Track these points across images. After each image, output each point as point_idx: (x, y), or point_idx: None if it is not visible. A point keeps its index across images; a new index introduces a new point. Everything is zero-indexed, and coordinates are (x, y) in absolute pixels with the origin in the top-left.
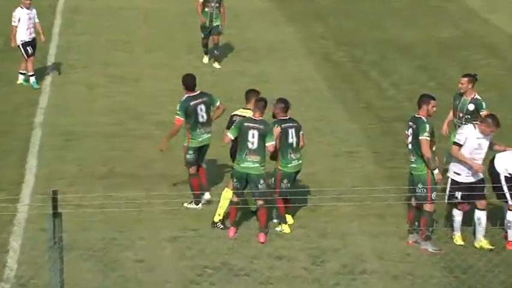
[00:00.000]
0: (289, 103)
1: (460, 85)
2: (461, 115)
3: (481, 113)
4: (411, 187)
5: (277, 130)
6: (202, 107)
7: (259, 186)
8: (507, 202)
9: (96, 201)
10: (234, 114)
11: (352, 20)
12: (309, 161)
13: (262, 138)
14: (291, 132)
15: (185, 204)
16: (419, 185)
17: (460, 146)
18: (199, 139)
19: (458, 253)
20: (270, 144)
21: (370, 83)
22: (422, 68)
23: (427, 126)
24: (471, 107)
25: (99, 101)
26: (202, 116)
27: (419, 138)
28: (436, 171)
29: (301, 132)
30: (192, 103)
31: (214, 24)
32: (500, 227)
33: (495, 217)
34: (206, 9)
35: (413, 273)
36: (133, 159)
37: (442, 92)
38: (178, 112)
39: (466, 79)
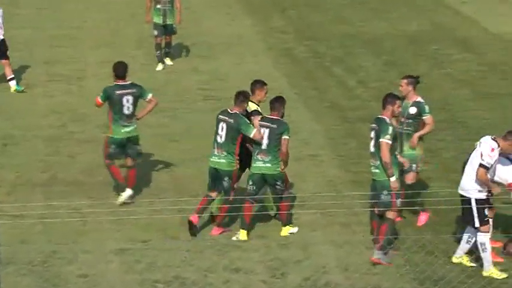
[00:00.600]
0: (275, 102)
1: (400, 88)
2: (402, 120)
3: (423, 118)
4: (374, 194)
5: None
6: (129, 98)
7: (224, 183)
8: None
9: (36, 211)
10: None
11: (315, 12)
12: None
13: (231, 132)
14: (263, 132)
15: (118, 201)
16: (384, 192)
17: (488, 169)
18: (122, 130)
19: (429, 264)
20: (252, 134)
21: (334, 81)
22: (391, 63)
23: (390, 128)
24: (412, 110)
25: (39, 101)
26: (128, 107)
27: (380, 140)
28: (393, 179)
29: (283, 137)
30: (118, 92)
31: (168, 22)
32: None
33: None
34: (158, 6)
35: (380, 285)
36: (76, 165)
37: None
38: (101, 94)
39: (405, 81)
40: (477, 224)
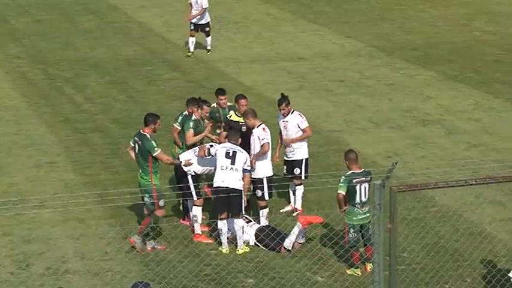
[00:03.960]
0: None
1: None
2: None
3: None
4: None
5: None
6: None
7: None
8: (192, 199)
9: None
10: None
11: (45, 40)
12: (10, 172)
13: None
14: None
15: None
16: (146, 195)
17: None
18: None
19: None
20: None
21: (65, 98)
22: (113, 82)
23: (153, 142)
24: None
25: None
26: None
27: (154, 155)
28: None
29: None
30: None
31: None
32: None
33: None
34: None
35: (112, 269)
36: None
37: (131, 104)
38: None
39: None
40: (195, 198)
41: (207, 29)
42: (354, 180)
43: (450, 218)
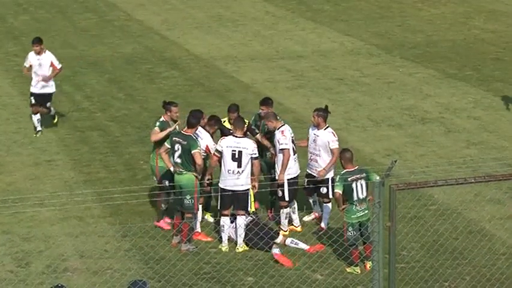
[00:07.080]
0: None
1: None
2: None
3: None
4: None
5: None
6: None
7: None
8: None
9: None
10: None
11: (45, 39)
12: (9, 170)
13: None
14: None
15: None
16: (188, 196)
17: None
18: None
19: (152, 246)
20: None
21: (64, 96)
22: (112, 81)
23: (199, 142)
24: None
25: None
26: None
27: (193, 151)
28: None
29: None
30: None
31: None
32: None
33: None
34: None
35: (112, 267)
36: None
37: (130, 102)
38: None
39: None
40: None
41: (49, 104)
42: (349, 179)
43: (449, 216)
